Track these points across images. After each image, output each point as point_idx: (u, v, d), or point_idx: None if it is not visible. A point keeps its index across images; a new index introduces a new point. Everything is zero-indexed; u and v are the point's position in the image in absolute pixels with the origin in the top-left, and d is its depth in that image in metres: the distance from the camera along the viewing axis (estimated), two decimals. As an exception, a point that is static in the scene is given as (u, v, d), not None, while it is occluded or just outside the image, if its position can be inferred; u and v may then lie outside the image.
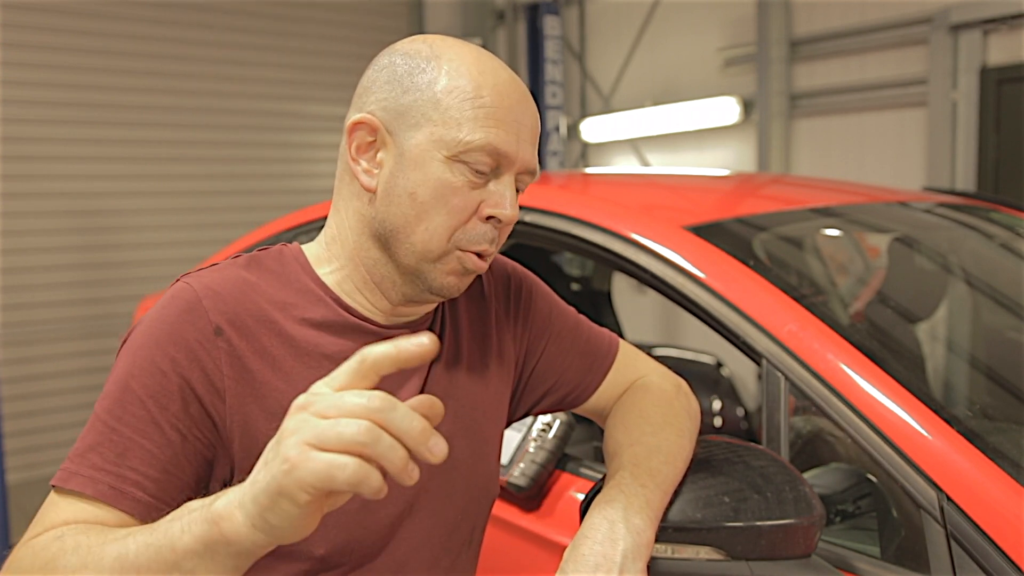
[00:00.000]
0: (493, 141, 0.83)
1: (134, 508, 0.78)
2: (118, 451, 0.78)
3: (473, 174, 0.84)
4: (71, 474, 0.78)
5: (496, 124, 0.83)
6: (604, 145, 5.42)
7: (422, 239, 0.85)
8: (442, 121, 0.83)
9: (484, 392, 1.01)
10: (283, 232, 2.29)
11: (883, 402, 1.10)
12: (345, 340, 0.89)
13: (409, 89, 0.85)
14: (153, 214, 5.18)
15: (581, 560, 0.84)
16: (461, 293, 0.91)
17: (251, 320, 0.85)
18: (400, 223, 0.85)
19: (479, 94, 0.83)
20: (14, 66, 4.65)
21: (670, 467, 0.95)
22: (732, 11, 4.56)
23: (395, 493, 0.89)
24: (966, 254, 1.88)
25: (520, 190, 0.91)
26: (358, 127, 0.87)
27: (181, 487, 0.81)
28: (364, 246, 0.89)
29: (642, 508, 0.88)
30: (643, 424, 1.02)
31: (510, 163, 0.86)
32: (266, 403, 0.84)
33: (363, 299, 0.91)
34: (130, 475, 0.78)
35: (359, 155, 0.88)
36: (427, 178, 0.84)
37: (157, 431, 0.79)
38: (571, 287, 3.04)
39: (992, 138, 3.58)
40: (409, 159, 0.84)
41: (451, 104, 0.83)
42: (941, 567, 0.98)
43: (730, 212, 1.66)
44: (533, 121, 0.88)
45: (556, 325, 1.10)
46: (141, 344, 0.82)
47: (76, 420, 5.00)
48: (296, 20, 5.61)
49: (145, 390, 0.79)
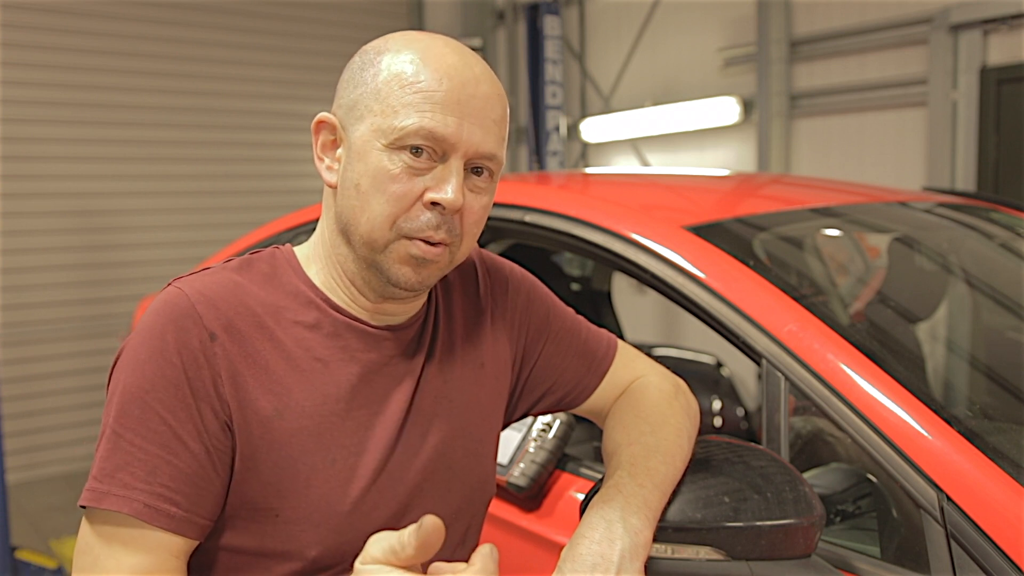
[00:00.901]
0: (427, 125, 0.81)
1: (169, 524, 0.79)
2: (148, 469, 0.79)
3: (413, 159, 0.83)
4: (103, 495, 0.78)
5: (433, 107, 0.82)
6: (604, 145, 5.42)
7: (366, 228, 0.85)
8: (380, 111, 0.83)
9: (479, 392, 1.00)
10: (282, 232, 2.29)
11: (883, 402, 1.10)
12: (337, 341, 0.89)
13: (358, 84, 0.86)
14: (153, 214, 5.18)
15: (578, 560, 0.84)
16: (425, 287, 0.88)
17: (243, 326, 0.85)
18: (350, 215, 0.86)
19: (417, 79, 0.83)
20: (14, 66, 4.65)
21: (668, 467, 0.95)
22: (732, 11, 4.56)
23: (388, 494, 0.89)
24: (966, 254, 1.88)
25: (482, 174, 0.87)
26: (321, 126, 0.90)
27: (212, 498, 0.82)
28: (336, 243, 0.90)
29: (640, 508, 0.88)
30: (641, 424, 1.01)
31: (452, 147, 0.83)
32: (259, 407, 0.84)
33: (347, 297, 0.91)
34: (163, 492, 0.79)
35: (324, 153, 0.90)
36: (367, 168, 0.84)
37: (181, 446, 0.80)
38: (571, 287, 3.04)
39: (992, 138, 3.57)
40: (355, 152, 0.85)
41: (389, 93, 0.83)
42: (941, 567, 0.98)
43: (730, 212, 1.65)
44: (484, 103, 0.85)
45: (554, 326, 1.10)
46: (147, 356, 0.81)
47: (76, 420, 5.00)
48: (296, 20, 5.61)
49: (163, 405, 0.80)
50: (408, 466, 0.91)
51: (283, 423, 0.84)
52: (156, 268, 5.14)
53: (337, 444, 0.86)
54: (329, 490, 0.85)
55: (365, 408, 0.89)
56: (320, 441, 0.85)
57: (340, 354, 0.89)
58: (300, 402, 0.85)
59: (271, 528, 0.84)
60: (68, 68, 4.84)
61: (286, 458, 0.84)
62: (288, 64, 5.57)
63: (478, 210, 0.88)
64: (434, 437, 0.94)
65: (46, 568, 3.30)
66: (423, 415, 0.93)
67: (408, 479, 0.91)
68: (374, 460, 0.88)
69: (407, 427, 0.91)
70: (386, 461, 0.89)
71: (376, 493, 0.88)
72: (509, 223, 1.67)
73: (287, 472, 0.84)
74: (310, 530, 0.85)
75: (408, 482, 0.91)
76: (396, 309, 0.93)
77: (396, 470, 0.90)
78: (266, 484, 0.84)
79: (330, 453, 0.86)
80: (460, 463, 0.97)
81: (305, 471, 0.84)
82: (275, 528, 0.84)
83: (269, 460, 0.83)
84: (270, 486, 0.84)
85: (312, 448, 0.85)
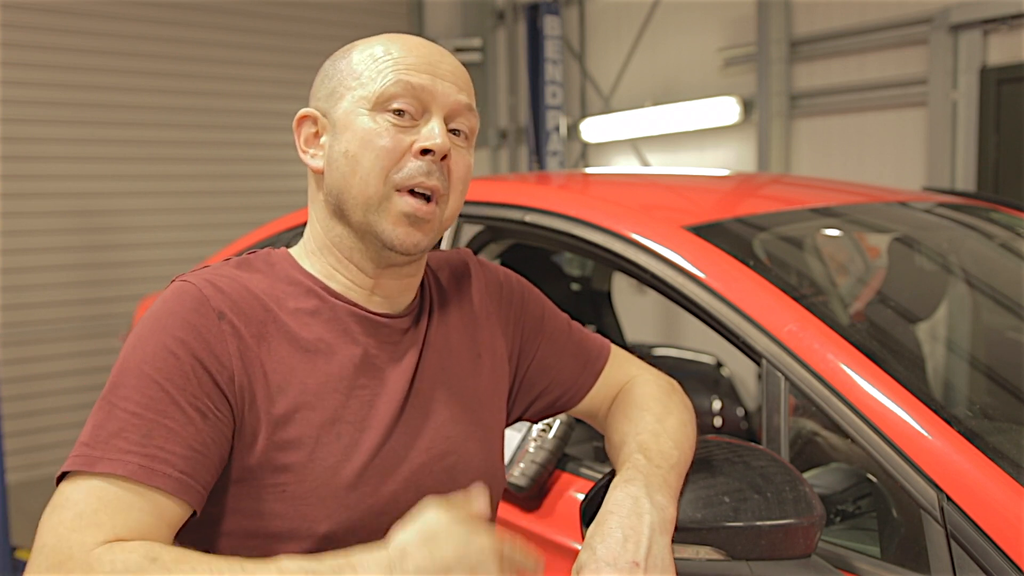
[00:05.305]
0: (404, 78, 0.89)
1: (167, 484, 0.77)
2: (142, 432, 0.78)
3: (396, 119, 0.89)
4: (96, 459, 0.77)
5: (407, 68, 0.90)
6: (604, 145, 5.42)
7: (360, 188, 0.89)
8: (359, 84, 0.90)
9: (478, 381, 1.02)
10: (283, 232, 2.29)
11: (883, 402, 1.10)
12: (337, 325, 0.91)
13: (332, 76, 0.94)
14: (153, 214, 5.18)
15: (608, 534, 0.85)
16: (420, 249, 0.91)
17: (249, 309, 0.88)
18: (342, 183, 0.90)
19: (388, 53, 0.91)
20: (14, 66, 4.65)
21: (679, 451, 0.97)
22: (732, 11, 4.56)
23: (396, 471, 0.90)
24: (966, 254, 1.87)
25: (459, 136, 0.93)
26: (302, 123, 0.95)
27: (208, 465, 0.81)
28: (328, 227, 0.94)
29: (661, 486, 0.90)
30: (645, 414, 1.03)
31: (431, 97, 0.90)
32: (267, 381, 0.85)
33: (345, 280, 0.94)
34: (158, 454, 0.78)
35: (308, 146, 0.95)
36: (355, 134, 0.89)
37: (178, 410, 0.80)
38: (571, 287, 3.04)
39: (992, 138, 3.57)
40: (340, 126, 0.91)
41: (365, 68, 0.91)
42: (941, 567, 0.98)
43: (730, 212, 1.65)
44: (453, 67, 0.93)
45: (548, 326, 1.12)
46: (149, 333, 0.83)
47: (76, 420, 5.00)
48: (296, 20, 5.61)
49: (160, 373, 0.80)
50: (411, 445, 0.92)
51: (288, 398, 0.86)
52: (156, 268, 5.14)
53: (342, 419, 0.88)
54: (335, 463, 0.86)
55: (367, 388, 0.91)
56: (325, 415, 0.87)
57: (341, 337, 0.91)
58: (304, 380, 0.87)
59: (279, 506, 0.85)
60: (68, 68, 4.84)
61: (293, 431, 0.85)
62: (288, 64, 5.57)
63: (463, 167, 0.93)
64: (436, 420, 0.95)
65: (46, 568, 3.29)
66: (423, 397, 0.95)
67: (412, 458, 0.92)
68: (376, 435, 0.89)
69: (407, 408, 0.93)
70: (387, 437, 0.90)
71: (379, 466, 0.89)
72: (509, 223, 1.67)
73: (293, 445, 0.85)
74: (317, 504, 0.85)
75: (412, 461, 0.92)
76: (394, 286, 0.95)
77: (398, 447, 0.91)
78: (272, 458, 0.84)
79: (335, 427, 0.87)
80: (466, 444, 0.98)
81: (310, 444, 0.85)
82: (283, 505, 0.84)
83: (276, 434, 0.84)
84: (276, 459, 0.84)
85: (318, 422, 0.86)
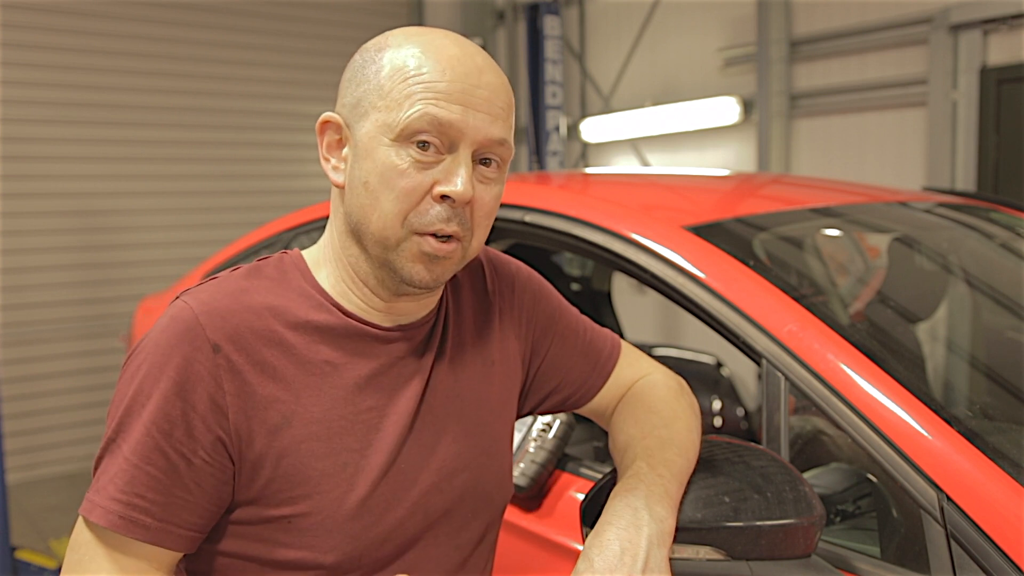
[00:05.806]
0: (431, 112, 0.80)
1: (145, 535, 0.80)
2: (127, 479, 0.80)
3: (420, 153, 0.82)
4: (94, 505, 0.81)
5: (436, 96, 0.81)
6: (604, 145, 5.42)
7: (378, 227, 0.83)
8: (384, 106, 0.82)
9: (489, 390, 1.00)
10: (283, 232, 2.29)
11: (883, 402, 1.10)
12: (345, 344, 0.88)
13: (361, 82, 0.85)
14: (153, 214, 5.18)
15: (605, 546, 0.84)
16: (439, 284, 0.87)
17: (250, 334, 0.84)
18: (360, 215, 0.85)
19: (419, 71, 0.82)
20: (14, 66, 4.65)
21: (683, 459, 0.96)
22: (732, 11, 4.56)
23: (404, 495, 0.89)
24: (966, 254, 1.87)
25: (491, 164, 0.86)
26: (326, 127, 0.89)
27: (194, 508, 0.82)
28: (345, 244, 0.89)
29: (662, 497, 0.89)
30: (653, 417, 1.02)
31: (460, 134, 0.82)
32: (267, 416, 0.83)
33: (358, 300, 0.90)
34: (138, 502, 0.79)
35: (330, 154, 0.89)
36: (375, 165, 0.83)
37: (161, 457, 0.80)
38: (571, 287, 3.04)
39: (992, 138, 3.57)
40: (362, 149, 0.84)
41: (392, 87, 0.82)
42: (941, 567, 0.98)
43: (730, 212, 1.65)
44: (491, 92, 0.84)
45: (560, 325, 1.10)
46: (144, 372, 0.82)
47: (76, 420, 5.00)
48: (296, 20, 5.61)
49: (149, 415, 0.80)
50: (423, 465, 0.90)
51: (292, 430, 0.84)
52: (156, 268, 5.14)
53: (346, 447, 0.86)
54: (341, 493, 0.85)
55: (374, 409, 0.88)
56: (330, 445, 0.85)
57: (349, 357, 0.88)
58: (309, 408, 0.85)
59: (285, 536, 0.84)
60: (68, 68, 4.84)
61: (296, 464, 0.83)
62: (289, 64, 5.57)
63: (489, 201, 0.86)
64: (449, 436, 0.93)
65: (46, 568, 3.30)
66: (435, 414, 0.93)
67: (423, 478, 0.90)
68: (381, 459, 0.87)
69: (417, 425, 0.91)
70: (393, 460, 0.88)
71: (385, 492, 0.87)
72: (509, 223, 1.67)
73: (298, 478, 0.83)
74: (324, 536, 0.84)
75: (422, 482, 0.90)
76: (410, 307, 0.92)
77: (408, 468, 0.89)
78: (277, 491, 0.83)
79: (340, 457, 0.85)
80: (476, 460, 0.96)
81: (316, 476, 0.84)
82: (289, 536, 0.84)
83: (279, 467, 0.83)
84: (281, 493, 0.83)
85: (322, 453, 0.84)
